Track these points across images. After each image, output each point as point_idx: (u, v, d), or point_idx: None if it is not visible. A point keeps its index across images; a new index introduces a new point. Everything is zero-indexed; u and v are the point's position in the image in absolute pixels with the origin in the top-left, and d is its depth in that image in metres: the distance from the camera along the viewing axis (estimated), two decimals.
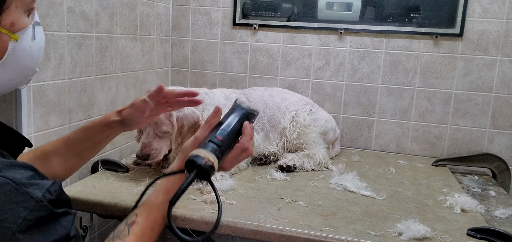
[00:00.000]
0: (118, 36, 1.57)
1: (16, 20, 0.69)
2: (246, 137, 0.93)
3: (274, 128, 1.60)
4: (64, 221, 0.64)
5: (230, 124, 0.91)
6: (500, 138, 1.77)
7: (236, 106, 0.96)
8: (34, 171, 0.65)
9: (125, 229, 0.83)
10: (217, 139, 0.87)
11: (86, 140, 1.00)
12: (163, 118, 1.31)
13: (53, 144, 0.99)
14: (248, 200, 1.20)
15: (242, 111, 0.94)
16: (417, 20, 1.77)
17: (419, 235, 1.02)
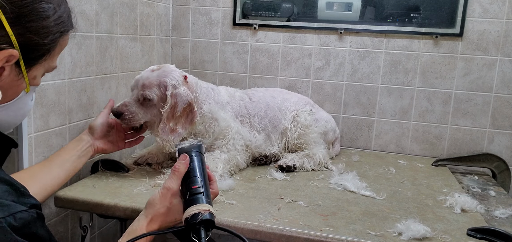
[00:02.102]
0: (118, 36, 1.57)
1: (37, 76, 0.75)
2: (214, 182, 1.00)
3: (276, 129, 1.60)
4: None
5: (198, 168, 0.93)
6: (500, 138, 1.77)
7: (190, 150, 0.97)
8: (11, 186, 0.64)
9: None
10: (198, 189, 0.89)
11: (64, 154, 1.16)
12: (153, 83, 1.31)
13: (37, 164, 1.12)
14: (248, 200, 1.20)
15: (196, 151, 0.97)
16: (417, 20, 1.77)
17: (419, 235, 1.02)
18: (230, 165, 1.38)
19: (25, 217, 0.63)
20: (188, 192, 0.89)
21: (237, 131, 1.45)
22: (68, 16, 0.76)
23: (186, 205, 0.88)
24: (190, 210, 0.85)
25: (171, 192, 0.91)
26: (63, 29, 0.75)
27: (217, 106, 1.43)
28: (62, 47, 0.78)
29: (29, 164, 1.19)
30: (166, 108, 1.29)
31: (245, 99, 1.58)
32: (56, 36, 0.73)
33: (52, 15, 0.71)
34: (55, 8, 0.72)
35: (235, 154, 1.42)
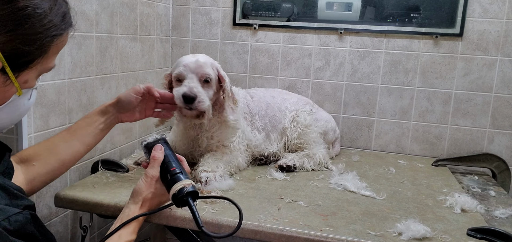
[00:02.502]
0: (118, 36, 1.57)
1: (30, 80, 0.74)
2: (184, 162, 1.08)
3: (275, 128, 1.60)
4: None
5: (171, 154, 1.05)
6: (500, 138, 1.77)
7: (157, 142, 1.07)
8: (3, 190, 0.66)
9: None
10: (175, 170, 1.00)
11: (86, 126, 1.11)
12: (207, 63, 1.29)
13: (60, 134, 1.09)
14: (248, 200, 1.20)
15: (162, 142, 1.07)
16: (417, 20, 1.77)
17: (419, 235, 1.02)
18: (231, 166, 1.38)
19: (20, 219, 0.65)
20: (168, 174, 0.99)
21: (243, 130, 1.46)
22: (62, 18, 0.74)
23: (169, 185, 0.98)
24: (175, 187, 0.96)
25: (155, 179, 1.00)
26: (55, 33, 0.73)
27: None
28: (58, 48, 0.77)
29: None
30: (227, 86, 1.32)
31: (247, 98, 1.58)
32: (47, 41, 0.72)
33: (41, 21, 0.69)
34: (45, 12, 0.70)
35: (237, 155, 1.42)
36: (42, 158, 1.01)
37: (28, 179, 0.98)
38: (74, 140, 1.08)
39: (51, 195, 1.27)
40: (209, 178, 1.26)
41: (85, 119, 1.13)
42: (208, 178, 1.26)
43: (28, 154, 1.01)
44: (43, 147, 1.04)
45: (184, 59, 1.33)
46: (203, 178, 1.25)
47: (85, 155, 1.44)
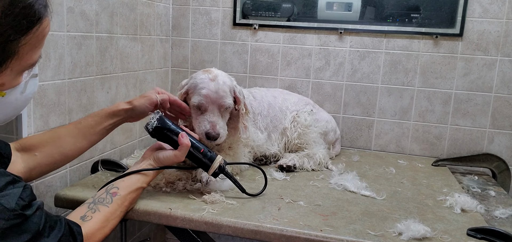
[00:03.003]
0: (118, 36, 1.57)
1: (8, 81, 0.71)
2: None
3: (276, 128, 1.60)
4: (35, 218, 0.73)
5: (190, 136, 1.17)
6: (500, 138, 1.77)
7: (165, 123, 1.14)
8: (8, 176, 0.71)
9: (108, 197, 0.98)
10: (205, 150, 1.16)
11: (95, 125, 1.13)
12: (226, 91, 1.30)
13: (66, 126, 1.11)
14: (248, 200, 1.20)
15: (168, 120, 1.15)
16: (417, 20, 1.77)
17: (419, 235, 1.02)
18: (232, 167, 1.38)
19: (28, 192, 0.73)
20: (200, 155, 1.15)
21: None
22: (22, 17, 0.68)
23: (206, 164, 1.15)
24: (214, 165, 1.15)
25: (180, 160, 1.13)
26: (16, 36, 0.67)
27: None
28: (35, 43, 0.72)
29: None
30: (242, 108, 1.35)
31: (249, 97, 1.58)
32: (9, 45, 0.67)
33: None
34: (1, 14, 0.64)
35: (240, 156, 1.42)
36: (45, 149, 1.03)
37: (28, 167, 1.00)
38: (81, 136, 1.10)
39: (51, 195, 1.27)
40: (209, 178, 1.26)
41: (94, 118, 1.13)
42: (209, 178, 1.26)
43: (31, 143, 1.02)
44: (47, 137, 1.05)
45: (203, 83, 1.30)
46: (203, 178, 1.25)
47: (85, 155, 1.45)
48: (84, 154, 1.43)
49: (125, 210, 1.03)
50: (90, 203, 0.96)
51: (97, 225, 0.92)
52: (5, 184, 0.69)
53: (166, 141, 1.14)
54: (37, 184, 1.24)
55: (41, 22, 0.72)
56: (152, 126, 1.12)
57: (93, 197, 0.99)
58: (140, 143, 1.80)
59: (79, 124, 1.11)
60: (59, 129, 1.11)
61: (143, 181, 1.08)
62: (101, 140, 1.53)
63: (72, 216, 0.92)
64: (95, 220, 0.92)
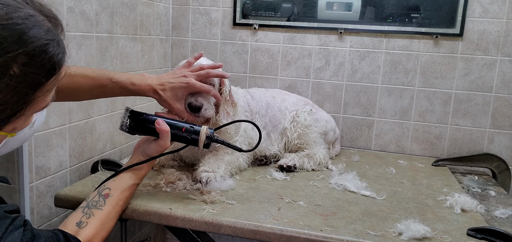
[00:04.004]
0: (118, 36, 1.57)
1: (19, 125, 0.68)
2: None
3: (275, 128, 1.60)
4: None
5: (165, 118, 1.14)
6: (500, 138, 1.77)
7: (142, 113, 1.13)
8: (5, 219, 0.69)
9: (101, 200, 0.97)
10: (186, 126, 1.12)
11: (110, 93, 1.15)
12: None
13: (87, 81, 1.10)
14: (248, 200, 1.20)
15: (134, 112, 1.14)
16: (417, 20, 1.77)
17: (419, 235, 1.02)
18: (232, 167, 1.38)
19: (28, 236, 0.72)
20: (184, 134, 1.11)
21: (245, 128, 1.46)
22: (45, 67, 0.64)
23: (194, 139, 1.11)
24: (202, 137, 1.11)
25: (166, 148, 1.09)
26: (39, 84, 0.64)
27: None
28: (51, 88, 0.68)
29: (28, 164, 1.19)
30: (226, 89, 1.34)
31: (247, 97, 1.58)
32: (25, 100, 0.64)
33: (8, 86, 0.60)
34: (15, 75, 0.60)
35: (238, 155, 1.42)
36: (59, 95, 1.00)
37: None
38: (97, 94, 1.13)
39: (51, 195, 1.27)
40: (209, 178, 1.26)
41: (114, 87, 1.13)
42: (209, 178, 1.26)
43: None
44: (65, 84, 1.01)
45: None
46: (203, 178, 1.25)
47: (85, 155, 1.45)
48: (84, 154, 1.44)
49: (120, 210, 1.02)
50: (84, 207, 0.95)
51: (93, 231, 0.91)
52: (5, 229, 0.67)
53: (147, 132, 1.12)
54: (37, 184, 1.24)
55: (60, 71, 0.68)
56: (126, 125, 1.11)
57: (87, 199, 0.98)
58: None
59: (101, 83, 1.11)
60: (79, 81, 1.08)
61: (136, 177, 1.07)
62: (101, 140, 1.54)
63: (67, 223, 0.92)
64: (91, 226, 0.91)
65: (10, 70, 0.59)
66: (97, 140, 1.50)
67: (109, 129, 1.57)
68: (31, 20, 0.62)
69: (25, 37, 0.60)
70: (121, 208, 1.03)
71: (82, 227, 0.90)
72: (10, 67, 0.59)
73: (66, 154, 1.36)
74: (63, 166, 1.34)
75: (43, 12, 0.65)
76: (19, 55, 0.60)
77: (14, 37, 0.59)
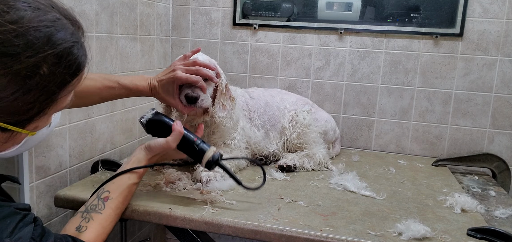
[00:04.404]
0: (118, 36, 1.57)
1: (41, 123, 0.72)
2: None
3: (274, 127, 1.60)
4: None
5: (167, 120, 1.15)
6: (500, 138, 1.77)
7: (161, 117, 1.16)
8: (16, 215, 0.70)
9: (100, 203, 0.96)
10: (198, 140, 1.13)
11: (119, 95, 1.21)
12: (206, 61, 1.31)
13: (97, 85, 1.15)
14: (248, 200, 1.20)
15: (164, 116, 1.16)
16: (417, 20, 1.77)
17: (419, 235, 1.02)
18: (231, 166, 1.38)
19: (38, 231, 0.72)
20: (194, 145, 1.12)
21: (243, 126, 1.46)
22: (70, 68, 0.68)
23: (199, 154, 1.11)
24: (207, 154, 1.11)
25: (171, 147, 1.09)
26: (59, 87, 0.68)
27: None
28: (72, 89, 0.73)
29: (28, 164, 1.19)
30: (222, 83, 1.35)
31: (245, 96, 1.58)
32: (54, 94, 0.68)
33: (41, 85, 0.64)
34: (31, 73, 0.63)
35: (237, 154, 1.42)
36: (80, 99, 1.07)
37: None
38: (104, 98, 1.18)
39: (51, 195, 1.27)
40: (209, 178, 1.26)
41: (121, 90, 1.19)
42: (209, 177, 1.26)
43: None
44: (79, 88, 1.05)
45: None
46: (203, 178, 1.25)
47: (85, 155, 1.45)
48: (84, 154, 1.44)
49: (120, 212, 1.02)
50: (83, 212, 0.95)
51: (93, 235, 0.90)
52: (16, 225, 0.69)
53: (161, 134, 1.12)
54: (37, 184, 1.24)
55: (83, 71, 0.73)
56: (146, 118, 1.13)
57: (86, 204, 0.98)
58: (140, 143, 1.80)
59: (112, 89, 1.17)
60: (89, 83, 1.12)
61: (134, 177, 1.06)
62: (101, 140, 1.54)
63: (67, 229, 0.91)
64: (91, 230, 0.91)
65: (41, 70, 0.63)
66: (97, 140, 1.51)
67: (109, 129, 1.57)
68: (58, 23, 0.66)
69: (54, 39, 0.64)
70: (121, 210, 1.03)
71: (81, 231, 0.90)
72: (40, 67, 0.63)
73: (66, 154, 1.36)
74: (63, 166, 1.34)
75: (67, 16, 0.70)
76: (49, 55, 0.63)
77: (44, 39, 0.63)
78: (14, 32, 0.60)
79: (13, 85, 0.61)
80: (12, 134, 0.68)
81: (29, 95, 0.63)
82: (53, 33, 0.64)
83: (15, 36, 0.60)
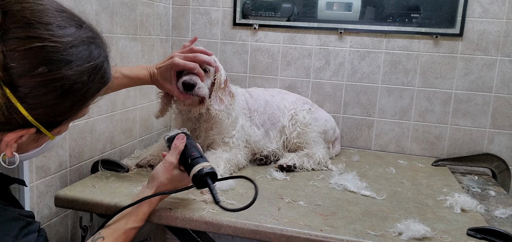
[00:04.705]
0: (118, 36, 1.57)
1: (63, 128, 0.77)
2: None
3: (274, 126, 1.60)
4: None
5: (192, 143, 1.08)
6: (500, 138, 1.77)
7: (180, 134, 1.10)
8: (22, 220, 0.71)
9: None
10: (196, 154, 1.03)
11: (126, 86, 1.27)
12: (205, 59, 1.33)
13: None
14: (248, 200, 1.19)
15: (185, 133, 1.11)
16: (417, 20, 1.77)
17: (419, 235, 1.02)
18: (231, 165, 1.38)
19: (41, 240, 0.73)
20: (189, 159, 1.03)
21: (242, 124, 1.46)
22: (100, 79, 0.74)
23: (190, 168, 1.01)
24: (195, 168, 1.00)
25: (173, 165, 1.03)
26: (92, 94, 0.74)
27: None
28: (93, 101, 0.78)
29: (28, 164, 1.19)
30: (221, 76, 1.36)
31: (245, 95, 1.59)
32: (83, 104, 0.74)
33: (79, 92, 0.70)
34: (83, 83, 0.70)
35: (236, 152, 1.42)
36: None
37: None
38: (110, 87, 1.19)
39: (51, 195, 1.27)
40: None
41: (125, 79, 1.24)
42: None
43: None
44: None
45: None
46: None
47: (85, 155, 1.45)
48: (84, 153, 1.44)
49: None
50: None
51: None
52: (18, 230, 0.69)
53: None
54: (37, 184, 1.24)
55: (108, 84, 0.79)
56: (168, 136, 1.11)
57: None
58: (140, 143, 1.80)
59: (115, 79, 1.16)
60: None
61: (132, 221, 0.98)
62: (101, 140, 1.54)
63: None
64: None
65: (82, 78, 0.70)
66: (97, 140, 1.50)
67: (109, 128, 1.57)
68: (97, 40, 0.74)
69: (94, 53, 0.72)
70: None
71: None
72: (83, 76, 0.70)
73: (66, 154, 1.36)
74: (63, 166, 1.34)
75: (98, 34, 0.76)
76: (90, 67, 0.71)
77: (88, 52, 0.71)
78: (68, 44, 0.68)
79: (59, 91, 0.67)
80: (41, 136, 0.72)
81: (68, 100, 0.69)
82: (93, 49, 0.72)
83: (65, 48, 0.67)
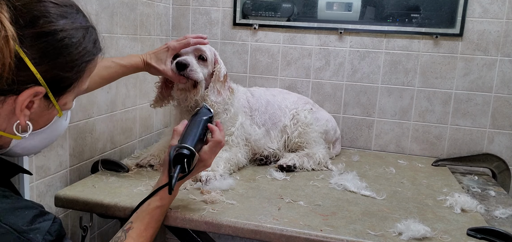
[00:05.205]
0: (118, 36, 1.57)
1: (68, 102, 0.80)
2: (217, 132, 1.07)
3: (275, 125, 1.60)
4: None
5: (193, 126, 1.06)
6: (500, 138, 1.77)
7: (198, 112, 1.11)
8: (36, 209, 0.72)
9: (122, 234, 0.96)
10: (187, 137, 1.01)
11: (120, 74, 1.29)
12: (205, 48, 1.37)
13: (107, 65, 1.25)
14: (248, 200, 1.20)
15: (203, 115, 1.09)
16: (417, 20, 1.77)
17: (419, 235, 1.02)
18: (231, 164, 1.38)
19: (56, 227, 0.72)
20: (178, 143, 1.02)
21: (242, 122, 1.46)
22: (93, 43, 0.79)
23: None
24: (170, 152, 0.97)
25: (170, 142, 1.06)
26: (89, 58, 0.78)
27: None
28: (91, 71, 0.82)
29: (28, 164, 1.19)
30: (220, 69, 1.38)
31: (247, 94, 1.59)
32: (82, 67, 0.77)
33: (76, 49, 0.74)
34: (80, 40, 0.75)
35: (236, 151, 1.42)
36: None
37: None
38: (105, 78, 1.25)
39: (51, 195, 1.27)
40: (209, 177, 1.26)
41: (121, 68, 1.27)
42: (209, 177, 1.26)
43: None
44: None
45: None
46: (203, 177, 1.25)
47: (85, 155, 1.45)
48: (84, 153, 1.44)
49: (144, 240, 0.98)
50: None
51: None
52: (33, 218, 0.69)
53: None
54: (37, 184, 1.24)
55: (99, 54, 0.83)
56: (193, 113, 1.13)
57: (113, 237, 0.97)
58: (140, 143, 1.80)
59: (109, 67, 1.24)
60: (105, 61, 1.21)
61: (155, 201, 1.00)
62: (101, 140, 1.54)
63: None
64: None
65: (78, 34, 0.75)
66: (97, 139, 1.50)
67: (109, 128, 1.57)
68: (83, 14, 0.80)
69: (85, 18, 0.79)
70: (146, 237, 0.99)
71: None
72: (78, 32, 0.75)
73: (66, 154, 1.36)
74: (63, 166, 1.35)
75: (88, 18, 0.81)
76: (83, 27, 0.76)
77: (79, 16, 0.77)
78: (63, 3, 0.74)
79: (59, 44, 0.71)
80: (49, 106, 0.75)
81: (69, 56, 0.73)
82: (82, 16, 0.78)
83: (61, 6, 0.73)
